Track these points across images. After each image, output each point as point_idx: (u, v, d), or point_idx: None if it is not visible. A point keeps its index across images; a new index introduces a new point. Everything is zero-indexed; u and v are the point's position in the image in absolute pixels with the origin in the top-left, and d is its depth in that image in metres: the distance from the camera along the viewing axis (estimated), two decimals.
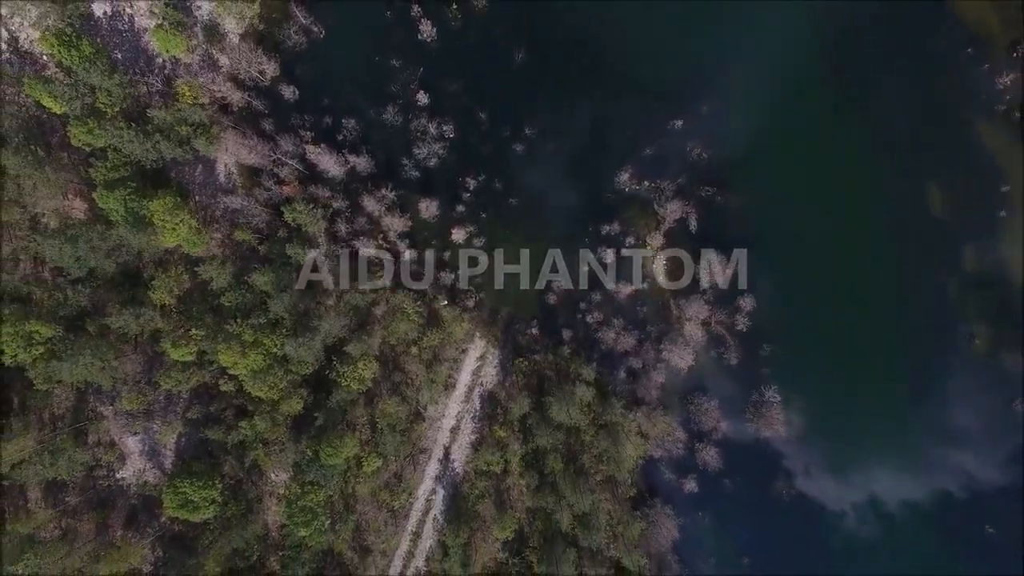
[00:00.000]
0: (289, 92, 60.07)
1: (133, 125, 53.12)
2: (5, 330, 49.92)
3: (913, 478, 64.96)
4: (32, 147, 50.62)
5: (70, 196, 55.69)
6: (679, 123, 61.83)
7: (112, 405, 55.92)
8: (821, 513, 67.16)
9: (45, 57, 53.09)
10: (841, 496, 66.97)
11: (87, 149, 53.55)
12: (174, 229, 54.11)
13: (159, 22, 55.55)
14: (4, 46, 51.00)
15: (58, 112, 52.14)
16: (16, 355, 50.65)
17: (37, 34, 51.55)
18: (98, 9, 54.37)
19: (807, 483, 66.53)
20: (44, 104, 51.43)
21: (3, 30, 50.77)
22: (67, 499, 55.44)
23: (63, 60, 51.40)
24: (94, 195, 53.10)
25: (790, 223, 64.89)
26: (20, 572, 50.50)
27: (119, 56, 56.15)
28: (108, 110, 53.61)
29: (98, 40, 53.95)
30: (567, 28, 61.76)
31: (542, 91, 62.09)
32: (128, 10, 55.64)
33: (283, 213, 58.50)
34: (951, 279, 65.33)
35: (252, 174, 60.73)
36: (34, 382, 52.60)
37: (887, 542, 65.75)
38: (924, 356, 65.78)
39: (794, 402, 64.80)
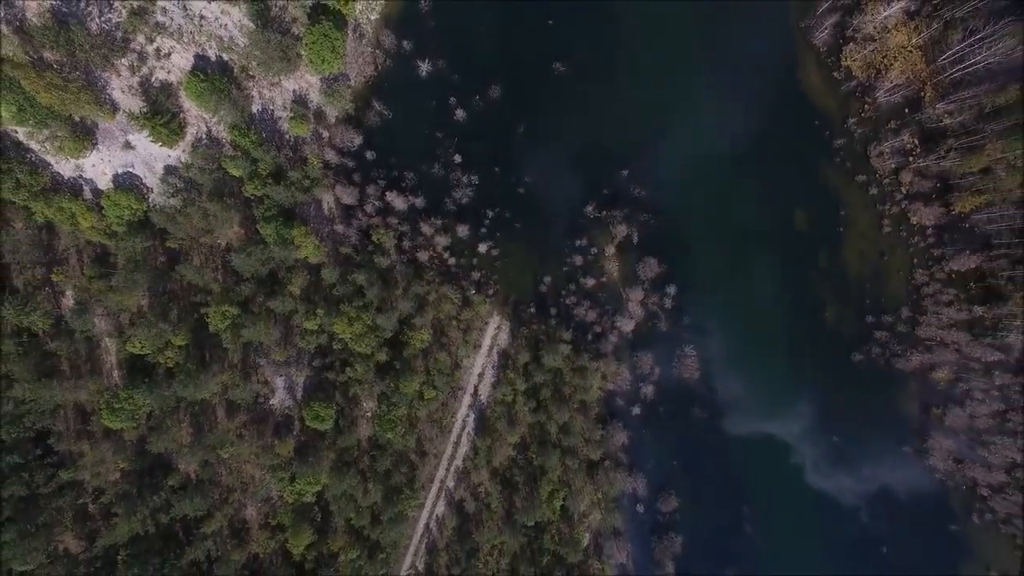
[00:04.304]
0: (369, 154, 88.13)
1: (280, 182, 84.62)
2: (211, 310, 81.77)
3: (783, 402, 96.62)
4: (224, 199, 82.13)
5: (236, 227, 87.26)
6: (625, 172, 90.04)
7: (265, 357, 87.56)
8: (726, 430, 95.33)
9: (224, 140, 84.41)
10: (740, 416, 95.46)
11: (252, 197, 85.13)
12: (305, 246, 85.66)
13: (290, 114, 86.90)
14: (204, 136, 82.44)
15: (235, 175, 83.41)
16: (217, 325, 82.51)
17: (223, 127, 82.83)
18: (254, 108, 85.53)
19: (715, 408, 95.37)
20: (228, 170, 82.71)
21: (205, 126, 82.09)
22: (239, 417, 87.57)
23: (238, 143, 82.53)
24: (257, 226, 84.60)
25: (702, 236, 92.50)
26: (224, 455, 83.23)
27: (264, 135, 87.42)
28: (263, 172, 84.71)
29: (255, 127, 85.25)
30: (553, 109, 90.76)
31: (535, 151, 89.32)
32: (271, 107, 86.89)
33: (370, 235, 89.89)
34: (810, 273, 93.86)
35: (346, 209, 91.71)
36: (223, 342, 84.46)
37: (767, 446, 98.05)
38: (792, 323, 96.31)
39: (705, 355, 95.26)
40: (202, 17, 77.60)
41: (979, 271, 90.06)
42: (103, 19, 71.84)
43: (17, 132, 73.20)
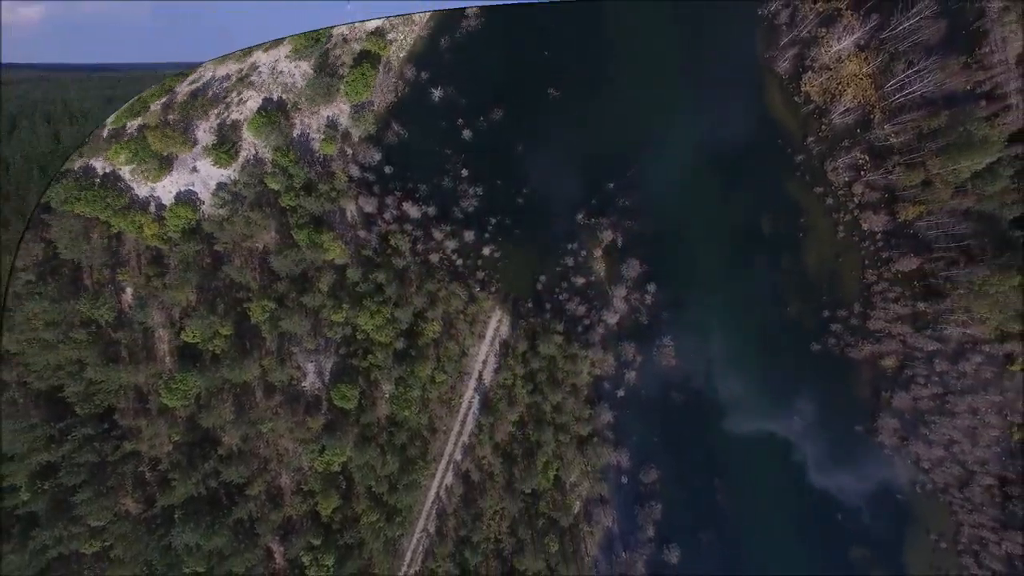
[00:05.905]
0: (388, 169, 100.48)
1: (311, 193, 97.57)
2: (252, 305, 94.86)
3: (750, 386, 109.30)
4: (263, 208, 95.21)
5: (273, 232, 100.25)
6: (612, 184, 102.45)
7: (298, 345, 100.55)
8: (700, 411, 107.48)
9: (267, 159, 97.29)
10: (713, 399, 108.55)
11: (287, 207, 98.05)
12: (332, 249, 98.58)
13: (323, 136, 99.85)
14: (251, 157, 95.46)
15: (274, 188, 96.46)
16: (257, 317, 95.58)
17: (267, 149, 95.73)
18: (295, 133, 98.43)
19: (690, 392, 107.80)
20: (268, 184, 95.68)
21: (255, 149, 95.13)
22: (275, 397, 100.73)
23: (279, 162, 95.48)
24: (291, 232, 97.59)
25: (679, 240, 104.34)
26: (262, 430, 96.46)
27: (298, 154, 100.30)
28: (297, 185, 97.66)
29: (293, 148, 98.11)
30: (548, 128, 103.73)
31: (533, 166, 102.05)
32: (308, 131, 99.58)
33: (388, 239, 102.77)
34: (774, 273, 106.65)
35: (367, 216, 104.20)
36: (262, 332, 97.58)
37: (737, 425, 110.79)
38: (759, 317, 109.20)
39: (681, 345, 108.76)
40: (279, 71, 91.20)
41: (921, 271, 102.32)
42: (217, 86, 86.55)
43: (112, 164, 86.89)
